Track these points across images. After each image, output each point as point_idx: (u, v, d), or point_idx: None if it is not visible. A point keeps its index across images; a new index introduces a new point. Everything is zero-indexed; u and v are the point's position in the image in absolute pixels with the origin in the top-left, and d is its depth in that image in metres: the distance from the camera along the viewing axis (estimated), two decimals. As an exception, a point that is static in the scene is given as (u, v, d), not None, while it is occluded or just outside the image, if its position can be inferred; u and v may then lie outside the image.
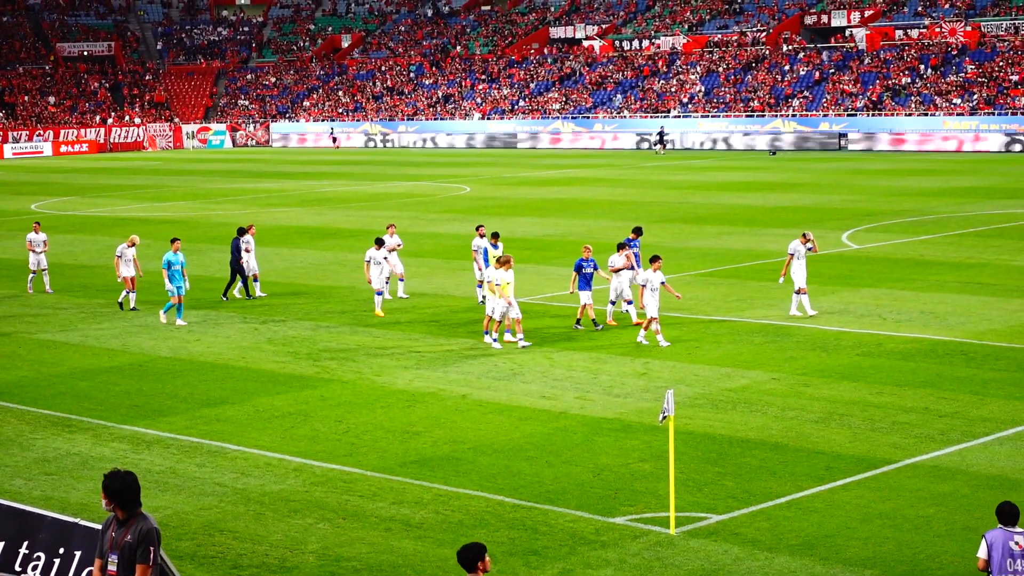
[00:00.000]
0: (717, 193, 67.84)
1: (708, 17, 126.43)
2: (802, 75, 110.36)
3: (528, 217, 58.30)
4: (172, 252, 35.36)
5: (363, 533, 18.94)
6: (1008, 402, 25.19)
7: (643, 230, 37.46)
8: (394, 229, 39.44)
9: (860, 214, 56.14)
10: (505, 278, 31.12)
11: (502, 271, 31.23)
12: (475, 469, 21.81)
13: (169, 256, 35.29)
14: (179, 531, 19.11)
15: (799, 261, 33.39)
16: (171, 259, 35.21)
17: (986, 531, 13.66)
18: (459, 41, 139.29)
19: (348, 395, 27.17)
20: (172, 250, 35.45)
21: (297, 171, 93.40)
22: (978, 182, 69.72)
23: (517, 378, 28.22)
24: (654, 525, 18.87)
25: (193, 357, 31.29)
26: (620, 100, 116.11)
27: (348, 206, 66.20)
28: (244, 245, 38.90)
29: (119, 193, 78.15)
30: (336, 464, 22.30)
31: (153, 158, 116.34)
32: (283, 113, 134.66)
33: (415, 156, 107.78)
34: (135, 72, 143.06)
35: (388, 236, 38.58)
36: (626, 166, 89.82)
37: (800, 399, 25.81)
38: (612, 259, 33.54)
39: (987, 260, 42.50)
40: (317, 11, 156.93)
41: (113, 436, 24.55)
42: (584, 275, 32.95)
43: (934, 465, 21.40)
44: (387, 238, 38.34)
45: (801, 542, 18.14)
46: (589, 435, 23.69)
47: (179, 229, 57.08)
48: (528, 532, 18.79)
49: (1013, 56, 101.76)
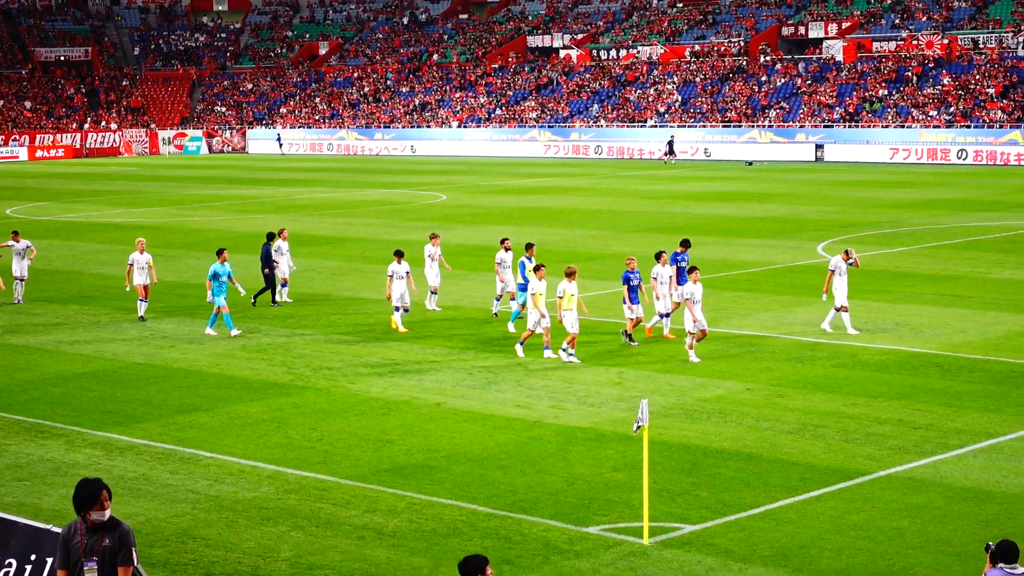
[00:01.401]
0: (693, 203, 67.92)
1: (685, 27, 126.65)
2: (779, 86, 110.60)
3: (504, 226, 58.25)
4: (219, 263, 34.21)
5: (336, 541, 18.88)
6: (982, 414, 25.24)
7: (691, 243, 35.85)
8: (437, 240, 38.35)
9: (836, 225, 56.25)
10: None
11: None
12: (449, 478, 21.77)
13: (216, 267, 34.08)
14: (151, 538, 19.02)
15: (840, 278, 32.67)
16: (218, 270, 34.04)
17: (986, 570, 13.49)
18: (436, 49, 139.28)
19: (322, 403, 27.10)
20: (219, 261, 34.32)
21: (273, 178, 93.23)
22: (953, 194, 69.94)
23: (492, 387, 28.19)
24: (628, 535, 18.85)
25: (167, 364, 31.18)
26: (597, 109, 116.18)
27: (324, 213, 66.09)
28: (277, 249, 38.43)
29: (94, 198, 77.90)
30: (310, 472, 22.23)
31: (129, 164, 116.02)
32: (260, 120, 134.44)
33: (391, 163, 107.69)
34: (112, 77, 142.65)
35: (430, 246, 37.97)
36: (603, 175, 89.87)
37: (774, 410, 25.83)
38: (655, 270, 32.83)
39: (962, 272, 42.61)
40: (295, 18, 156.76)
41: (86, 442, 24.44)
42: (633, 287, 31.97)
43: (908, 477, 21.43)
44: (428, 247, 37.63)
45: (775, 553, 18.13)
46: (563, 444, 23.67)
47: (155, 235, 56.89)
48: (502, 541, 18.75)
49: (990, 69, 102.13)
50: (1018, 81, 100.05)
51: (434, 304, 37.55)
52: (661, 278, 32.74)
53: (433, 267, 37.41)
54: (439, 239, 38.11)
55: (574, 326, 30.29)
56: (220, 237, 55.57)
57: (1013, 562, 13.35)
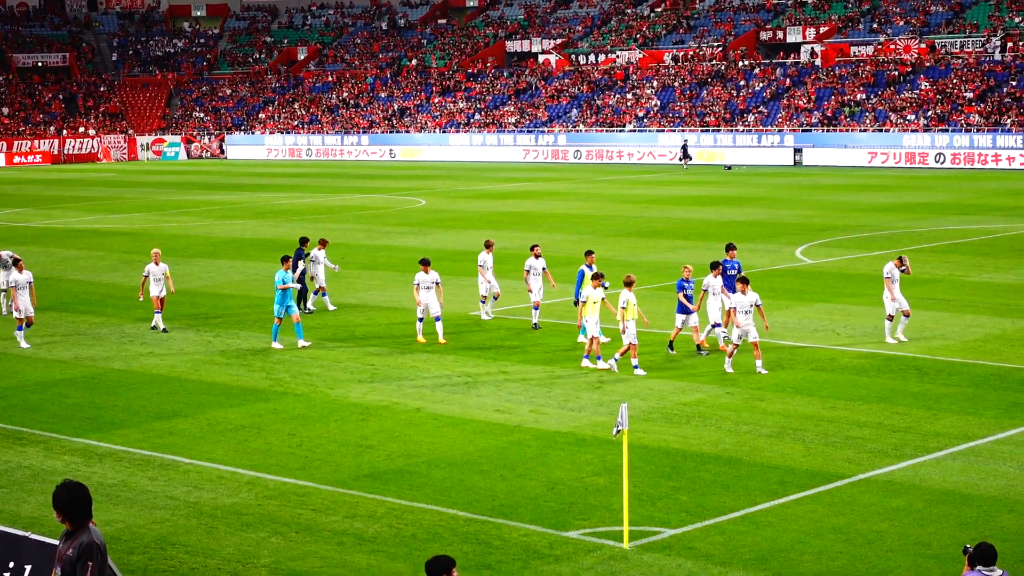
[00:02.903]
0: (672, 207, 68.00)
1: (664, 32, 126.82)
2: (757, 90, 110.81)
3: (483, 230, 58.21)
4: (284, 270, 33.28)
5: (316, 547, 18.86)
6: (961, 417, 25.31)
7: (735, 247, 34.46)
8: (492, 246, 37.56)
9: (814, 229, 56.37)
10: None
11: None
12: (429, 483, 21.76)
13: (282, 273, 33.13)
14: (131, 545, 18.98)
15: (895, 285, 32.16)
16: (285, 277, 33.12)
17: (964, 572, 13.52)
18: (415, 54, 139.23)
19: (302, 408, 27.07)
20: (284, 268, 33.39)
21: (252, 183, 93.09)
22: (932, 198, 70.13)
23: (471, 391, 28.18)
24: (608, 539, 18.86)
25: (146, 370, 31.11)
26: (576, 114, 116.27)
27: (303, 218, 66.01)
28: (313, 259, 37.93)
29: (73, 205, 77.71)
30: (289, 477, 22.20)
31: (107, 169, 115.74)
32: (239, 125, 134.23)
33: (370, 168, 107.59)
34: (90, 83, 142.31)
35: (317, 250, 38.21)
36: (582, 180, 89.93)
37: (754, 413, 25.87)
38: (707, 280, 31.67)
39: (941, 276, 42.73)
40: (273, 23, 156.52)
41: (65, 449, 24.37)
42: (688, 295, 31.20)
43: (887, 480, 21.48)
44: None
45: (754, 556, 18.16)
46: (543, 449, 23.67)
47: (133, 241, 56.82)
48: (482, 546, 18.74)
49: (967, 73, 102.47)
50: (995, 85, 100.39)
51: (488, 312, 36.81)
52: (713, 288, 31.45)
53: (487, 275, 36.27)
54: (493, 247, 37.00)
55: (634, 336, 29.34)
56: (199, 242, 55.49)
57: (991, 565, 13.39)
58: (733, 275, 31.84)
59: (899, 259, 32.86)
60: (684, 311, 31.22)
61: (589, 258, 33.48)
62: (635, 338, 29.37)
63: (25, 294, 33.64)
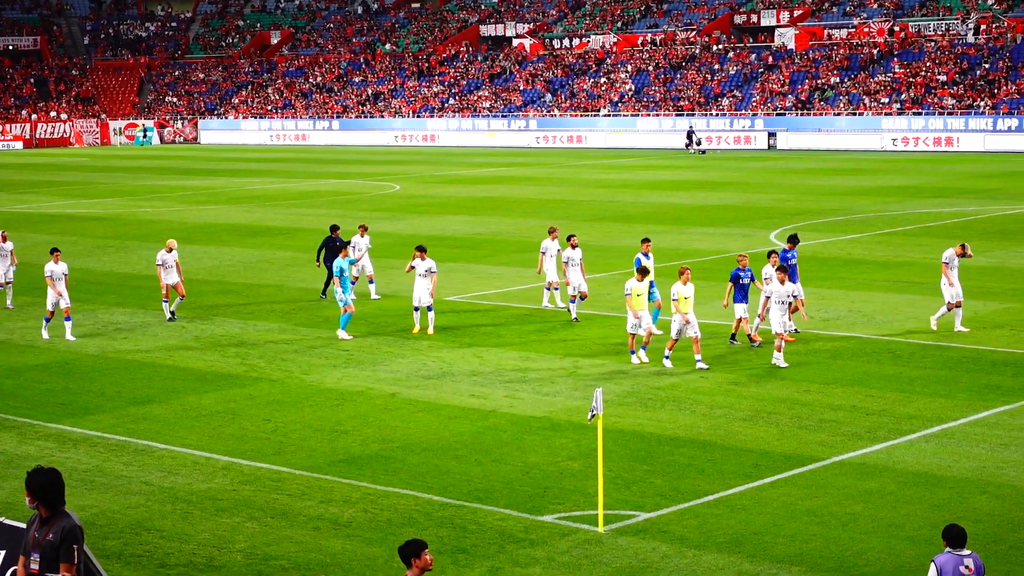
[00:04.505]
0: (646, 192, 68.06)
1: (638, 16, 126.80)
2: (731, 74, 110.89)
3: (458, 215, 58.25)
4: (342, 258, 32.63)
5: (291, 532, 18.86)
6: (934, 400, 25.42)
7: (799, 238, 33.76)
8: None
9: (788, 213, 56.49)
10: (684, 292, 28.43)
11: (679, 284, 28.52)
12: (404, 468, 21.77)
13: (340, 262, 32.42)
14: (105, 530, 18.95)
15: (952, 272, 31.36)
16: (343, 265, 32.41)
17: (935, 556, 13.59)
18: (389, 38, 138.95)
19: (276, 393, 27.04)
20: (342, 256, 32.76)
21: (226, 168, 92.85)
22: (905, 181, 70.32)
23: (446, 377, 28.19)
24: (583, 523, 18.90)
25: (120, 355, 31.04)
26: (551, 99, 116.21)
27: (277, 204, 65.89)
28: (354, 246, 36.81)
29: (45, 189, 77.40)
30: (264, 463, 22.19)
31: (80, 154, 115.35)
32: (212, 110, 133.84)
33: (344, 153, 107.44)
34: (61, 67, 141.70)
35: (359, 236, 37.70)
36: (556, 164, 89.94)
37: (728, 397, 25.93)
38: (765, 270, 30.96)
39: (914, 259, 42.86)
40: (246, 7, 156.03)
41: (38, 434, 24.32)
42: (741, 286, 30.32)
43: (861, 462, 21.57)
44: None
45: (729, 539, 18.22)
46: (518, 433, 23.70)
47: (107, 226, 56.65)
48: (457, 530, 18.77)
49: (940, 56, 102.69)
50: (968, 68, 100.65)
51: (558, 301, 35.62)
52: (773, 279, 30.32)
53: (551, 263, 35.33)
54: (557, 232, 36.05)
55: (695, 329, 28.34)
56: (172, 228, 55.34)
57: (960, 547, 13.47)
58: (795, 264, 31.60)
59: (961, 246, 31.98)
60: (743, 300, 30.30)
61: (645, 245, 32.55)
62: (697, 331, 28.35)
63: (62, 284, 32.81)
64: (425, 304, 32.66)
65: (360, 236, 37.98)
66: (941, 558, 13.41)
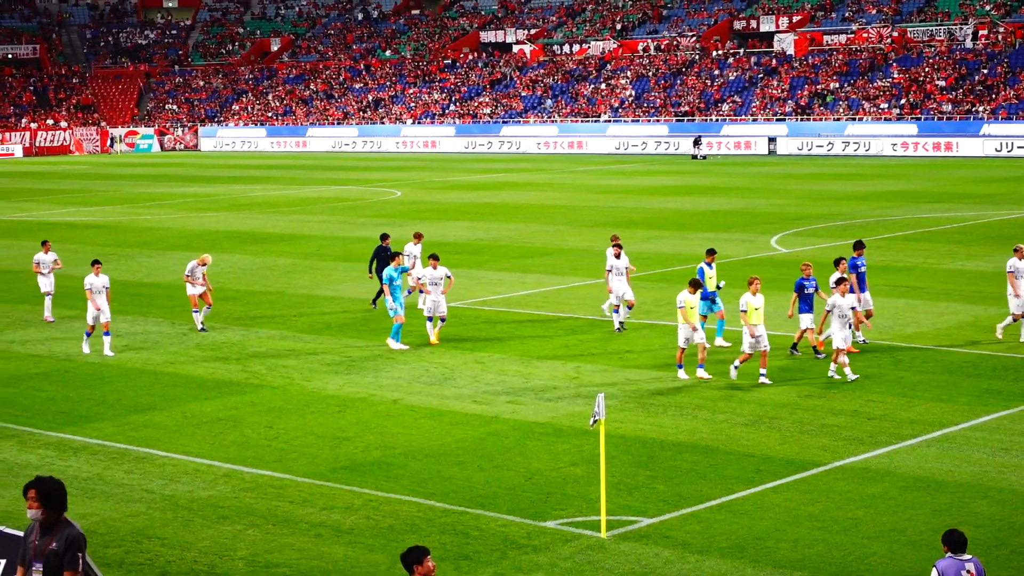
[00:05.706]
0: (647, 197, 68.05)
1: (638, 22, 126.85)
2: (731, 80, 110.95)
3: (460, 221, 58.25)
4: (394, 266, 32.18)
5: (293, 539, 18.84)
6: (936, 404, 25.40)
7: (864, 244, 32.58)
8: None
9: (789, 218, 56.48)
10: (753, 303, 27.61)
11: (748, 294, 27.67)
12: (406, 474, 21.74)
13: (391, 271, 31.97)
14: (107, 538, 18.93)
15: (1019, 280, 30.26)
16: (393, 274, 31.93)
17: (936, 561, 13.57)
18: (389, 45, 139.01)
19: (278, 400, 27.02)
20: (393, 265, 32.30)
21: (226, 175, 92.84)
22: (905, 186, 70.31)
23: (448, 383, 28.16)
24: (585, 529, 18.88)
25: (121, 363, 31.01)
26: (551, 104, 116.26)
27: (278, 210, 65.88)
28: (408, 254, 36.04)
29: (45, 197, 77.38)
30: (266, 470, 22.16)
31: (80, 162, 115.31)
32: (212, 117, 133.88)
33: (345, 160, 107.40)
34: (61, 75, 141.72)
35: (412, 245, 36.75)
36: (557, 170, 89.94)
37: (730, 402, 25.91)
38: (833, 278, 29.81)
39: (914, 263, 42.86)
40: (246, 14, 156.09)
41: (39, 443, 24.29)
42: (805, 296, 29.51)
43: (863, 467, 21.54)
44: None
45: (731, 544, 18.20)
46: (520, 439, 23.68)
47: (107, 234, 56.65)
48: (459, 537, 18.75)
49: (938, 61, 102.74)
50: (967, 73, 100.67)
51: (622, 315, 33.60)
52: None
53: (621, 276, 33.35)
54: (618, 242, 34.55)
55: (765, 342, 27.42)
56: (173, 236, 55.35)
57: (961, 551, 13.47)
58: (863, 272, 30.96)
59: (1016, 249, 30.87)
60: (808, 310, 29.58)
61: (710, 256, 31.81)
62: (767, 344, 27.48)
63: (102, 298, 32.05)
64: (440, 314, 32.32)
65: (414, 244, 36.91)
66: (943, 563, 13.41)
